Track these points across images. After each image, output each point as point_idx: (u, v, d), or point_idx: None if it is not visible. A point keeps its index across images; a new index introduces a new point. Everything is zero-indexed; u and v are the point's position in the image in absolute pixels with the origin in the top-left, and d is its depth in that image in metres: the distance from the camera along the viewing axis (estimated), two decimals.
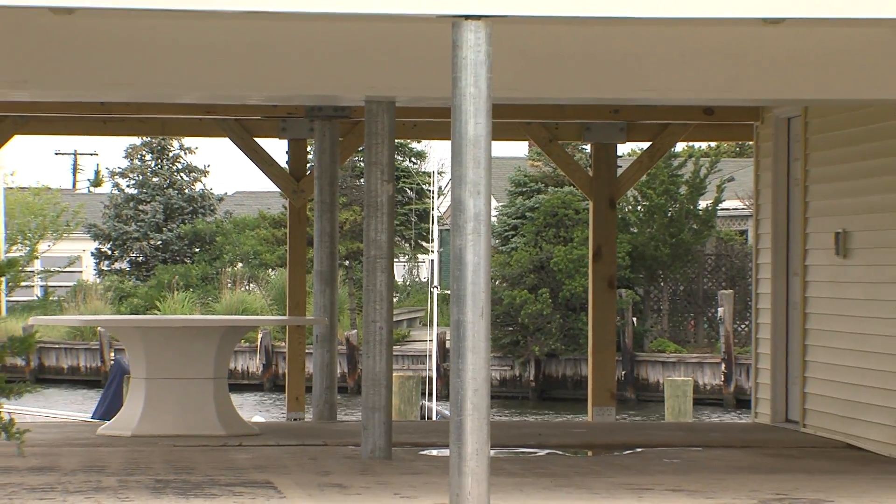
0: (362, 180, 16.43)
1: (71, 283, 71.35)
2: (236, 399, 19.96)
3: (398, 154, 50.68)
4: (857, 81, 16.18)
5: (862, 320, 17.78)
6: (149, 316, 46.37)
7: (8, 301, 64.72)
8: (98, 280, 71.46)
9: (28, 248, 66.47)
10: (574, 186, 36.16)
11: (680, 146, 46.80)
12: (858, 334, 17.85)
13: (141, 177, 72.22)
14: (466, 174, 12.70)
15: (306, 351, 23.59)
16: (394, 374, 17.14)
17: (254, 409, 38.70)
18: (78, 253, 75.48)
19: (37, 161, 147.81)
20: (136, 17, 13.27)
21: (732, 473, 15.43)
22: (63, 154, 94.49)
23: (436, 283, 51.06)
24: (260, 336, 52.80)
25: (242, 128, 22.47)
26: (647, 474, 15.38)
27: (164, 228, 70.87)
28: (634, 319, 49.71)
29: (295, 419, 22.91)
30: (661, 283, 51.82)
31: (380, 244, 16.44)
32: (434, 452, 16.71)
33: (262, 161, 23.03)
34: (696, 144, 49.92)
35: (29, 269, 68.43)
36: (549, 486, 14.34)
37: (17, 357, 11.85)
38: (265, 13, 12.76)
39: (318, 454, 16.67)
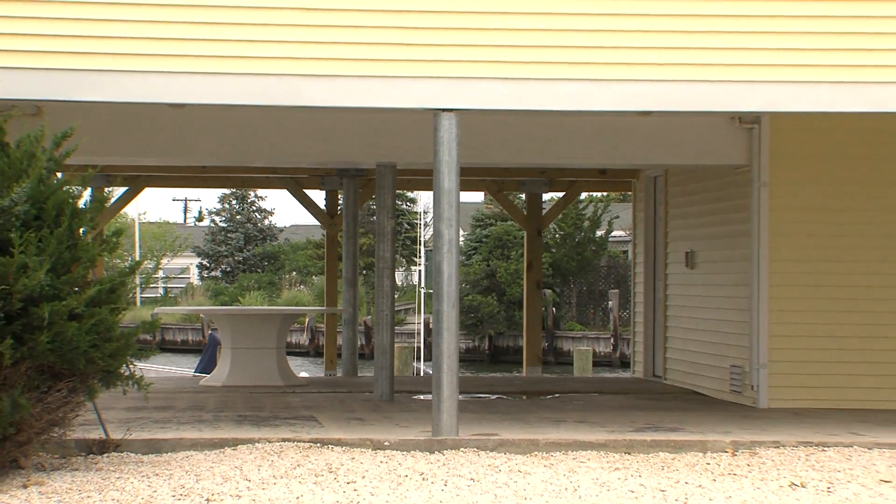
0: (374, 217, 16.39)
1: (182, 286, 71.30)
2: (291, 361, 19.92)
3: (398, 199, 50.66)
4: (699, 152, 16.19)
5: (702, 309, 17.79)
6: (234, 307, 46.28)
7: (141, 297, 64.65)
8: (200, 283, 71.38)
9: (154, 262, 66.39)
10: (514, 221, 36.13)
11: (584, 195, 46.76)
12: (699, 318, 17.87)
13: (229, 215, 72.10)
14: (443, 213, 12.67)
15: (337, 330, 23.58)
16: (395, 346, 17.10)
17: (302, 368, 38.58)
18: (187, 265, 75.42)
19: (160, 204, 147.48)
20: (224, 109, 13.23)
21: (618, 410, 15.41)
22: (177, 200, 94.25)
23: (423, 285, 50.92)
24: (307, 320, 52.62)
25: (295, 182, 22.45)
26: (563, 411, 15.35)
27: (244, 249, 70.73)
28: (554, 309, 49.64)
29: (330, 375, 22.89)
30: (572, 286, 51.73)
31: (385, 260, 16.42)
32: (422, 397, 16.67)
33: (309, 204, 23.03)
34: (595, 193, 49.87)
35: (155, 276, 68.53)
36: (497, 420, 14.31)
37: (146, 333, 11.79)
38: (308, 107, 12.72)
39: (345, 398, 16.64)
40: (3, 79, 11.59)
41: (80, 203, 11.21)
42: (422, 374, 35.16)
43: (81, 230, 11.13)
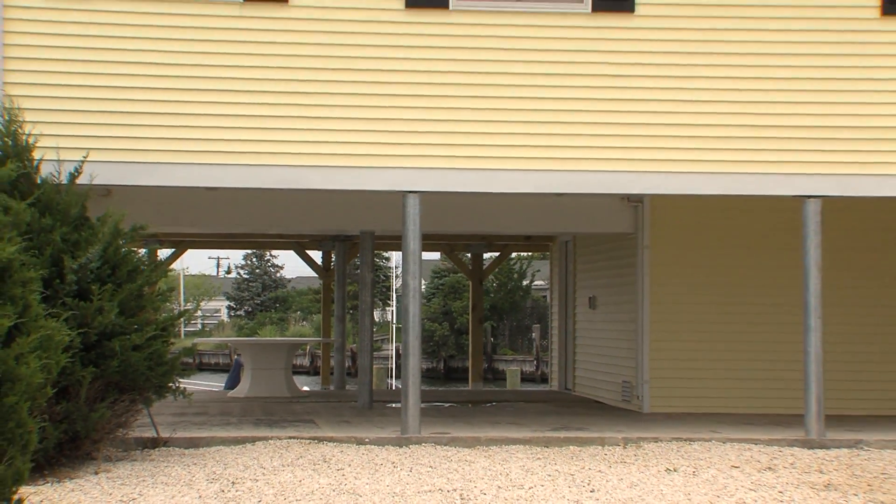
0: (358, 271, 16.40)
1: (215, 322, 70.94)
2: (295, 379, 19.87)
3: (375, 258, 50.58)
4: (598, 223, 16.29)
5: (601, 339, 17.86)
6: (253, 338, 46.07)
7: (185, 330, 64.28)
8: (229, 320, 70.96)
9: (194, 304, 66.04)
10: (462, 273, 36.20)
11: (514, 254, 46.85)
12: (599, 346, 17.93)
13: (250, 269, 71.80)
14: (409, 268, 12.72)
15: (330, 354, 23.53)
16: (373, 367, 17.08)
17: (304, 383, 38.39)
18: (219, 307, 75.04)
19: (199, 261, 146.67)
20: (246, 191, 13.27)
21: (539, 415, 15.44)
22: (212, 258, 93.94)
23: (394, 321, 50.80)
24: (308, 348, 52.38)
25: (299, 245, 22.46)
26: (499, 415, 15.37)
27: (262, 295, 70.43)
28: (492, 339, 49.58)
29: (324, 389, 22.82)
30: (505, 321, 51.70)
31: (366, 303, 16.43)
32: (393, 405, 16.66)
33: (309, 261, 23.04)
34: (522, 253, 49.94)
35: (195, 314, 68.28)
36: (450, 422, 14.31)
37: (187, 357, 11.79)
38: (309, 189, 12.77)
39: (336, 406, 16.62)
40: (84, 169, 11.63)
41: (143, 266, 11.33)
42: (393, 388, 35.02)
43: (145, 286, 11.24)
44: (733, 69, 12.91)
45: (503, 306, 50.13)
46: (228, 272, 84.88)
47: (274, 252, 72.34)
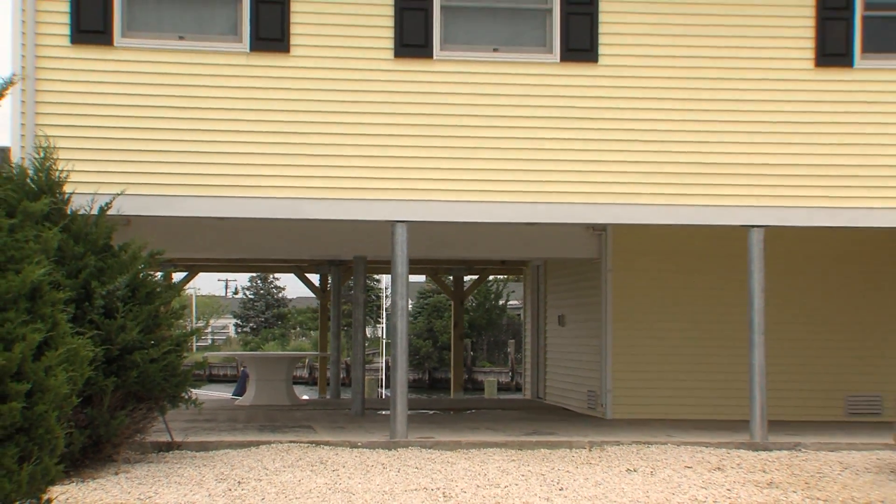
0: (352, 292, 16.35)
1: (224, 337, 70.67)
2: (295, 388, 19.82)
3: (367, 280, 50.50)
4: (566, 250, 16.35)
5: (569, 353, 17.88)
6: (258, 352, 45.92)
7: (196, 345, 64.04)
8: (236, 335, 70.71)
9: (205, 321, 65.84)
10: (445, 294, 36.18)
11: (491, 277, 46.87)
12: (567, 359, 17.94)
13: (255, 290, 71.57)
14: (398, 289, 12.75)
15: (327, 367, 23.50)
16: (365, 378, 17.06)
17: (303, 393, 38.25)
18: (227, 324, 74.76)
19: (209, 283, 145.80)
20: (251, 220, 13.28)
21: (514, 420, 15.44)
22: (221, 280, 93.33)
23: (384, 337, 50.75)
24: (307, 361, 52.23)
25: (299, 268, 22.45)
26: (478, 421, 15.36)
27: (265, 313, 70.21)
28: (471, 352, 49.53)
29: (322, 398, 22.77)
30: (483, 336, 51.67)
31: (359, 320, 16.44)
32: (383, 412, 16.65)
33: (308, 283, 23.02)
34: (499, 276, 49.94)
35: (206, 331, 67.96)
36: (434, 427, 14.30)
37: (198, 369, 11.79)
38: (307, 219, 12.79)
39: (331, 413, 16.58)
40: (101, 201, 11.66)
41: (159, 289, 11.36)
42: (383, 396, 34.95)
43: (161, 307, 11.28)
44: (685, 112, 13.03)
45: (481, 323, 50.09)
46: (236, 293, 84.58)
47: (276, 275, 71.96)
